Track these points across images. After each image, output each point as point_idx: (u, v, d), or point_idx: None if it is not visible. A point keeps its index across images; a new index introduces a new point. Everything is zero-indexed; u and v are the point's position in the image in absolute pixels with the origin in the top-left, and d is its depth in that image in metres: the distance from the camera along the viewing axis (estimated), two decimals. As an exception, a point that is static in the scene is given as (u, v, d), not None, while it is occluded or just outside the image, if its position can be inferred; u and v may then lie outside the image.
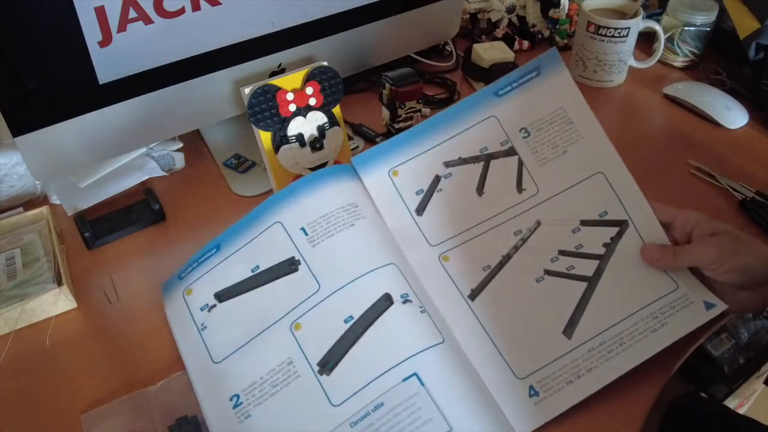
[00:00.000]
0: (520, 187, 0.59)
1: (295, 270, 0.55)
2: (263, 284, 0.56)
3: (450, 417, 0.49)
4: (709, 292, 0.56)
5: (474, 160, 0.60)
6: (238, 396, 0.52)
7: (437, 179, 0.59)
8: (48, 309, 0.61)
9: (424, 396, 0.49)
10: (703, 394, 1.00)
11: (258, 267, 0.56)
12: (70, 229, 0.70)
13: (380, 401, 0.50)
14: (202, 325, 0.56)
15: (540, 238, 0.57)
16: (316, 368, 0.51)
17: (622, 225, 0.58)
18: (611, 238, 0.57)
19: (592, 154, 0.59)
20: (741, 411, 1.11)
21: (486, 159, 0.60)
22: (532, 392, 0.52)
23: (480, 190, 0.59)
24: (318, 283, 0.54)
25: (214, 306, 0.56)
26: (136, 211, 0.71)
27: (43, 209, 0.70)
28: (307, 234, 0.56)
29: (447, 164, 0.60)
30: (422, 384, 0.50)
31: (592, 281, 0.55)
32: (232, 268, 0.57)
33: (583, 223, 0.58)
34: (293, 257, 0.55)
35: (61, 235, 0.69)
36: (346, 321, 0.52)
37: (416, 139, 0.60)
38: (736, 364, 0.99)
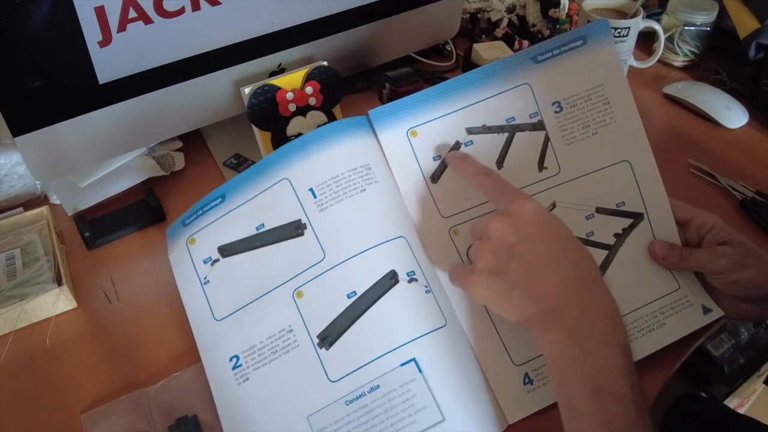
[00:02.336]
0: (541, 165, 0.56)
1: (301, 234, 0.53)
2: (267, 245, 0.54)
3: (444, 407, 0.49)
4: (709, 297, 0.56)
5: (499, 129, 0.56)
6: (237, 357, 0.53)
7: (457, 145, 0.55)
8: (48, 309, 0.61)
9: (420, 383, 0.50)
10: (703, 394, 1.00)
11: (263, 225, 0.55)
12: (70, 229, 0.70)
13: (377, 383, 0.50)
14: (205, 279, 0.56)
15: None
16: (316, 341, 0.51)
17: (636, 217, 0.56)
18: (623, 229, 0.56)
19: (623, 140, 0.57)
20: (741, 411, 1.11)
21: (511, 130, 0.56)
22: (527, 380, 0.52)
23: (500, 163, 0.56)
24: (323, 251, 0.53)
25: (217, 260, 0.56)
26: (136, 211, 0.71)
27: (43, 209, 0.70)
28: (315, 196, 0.53)
29: (469, 131, 0.56)
30: (420, 371, 0.50)
31: None
32: (236, 222, 0.55)
33: (599, 210, 0.56)
34: (299, 220, 0.53)
35: (61, 235, 0.69)
36: (349, 296, 0.51)
37: (441, 98, 0.56)
38: (736, 363, 1.00)
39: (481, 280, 0.48)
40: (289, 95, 0.67)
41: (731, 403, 1.02)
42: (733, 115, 0.84)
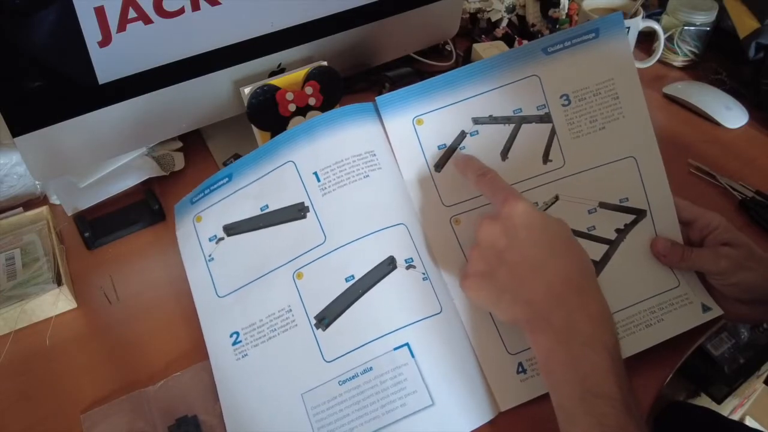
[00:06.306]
0: (546, 158, 0.56)
1: (303, 217, 0.54)
2: (271, 225, 0.55)
3: (434, 392, 0.50)
4: (708, 295, 0.56)
5: (505, 120, 0.56)
6: (237, 333, 0.54)
7: (462, 135, 0.56)
8: (48, 309, 0.61)
9: (412, 368, 0.51)
10: (692, 402, 1.00)
11: (267, 206, 0.56)
12: (70, 229, 0.70)
13: (369, 366, 0.51)
14: (210, 256, 0.57)
15: (554, 214, 0.54)
16: (313, 321, 0.52)
17: (639, 214, 0.56)
18: (625, 225, 0.56)
19: (630, 136, 0.56)
20: (741, 410, 1.11)
21: (518, 122, 0.56)
22: (521, 369, 0.52)
23: (505, 154, 0.56)
24: (324, 235, 0.54)
25: (222, 239, 0.57)
26: (136, 211, 0.71)
27: (43, 209, 0.70)
28: (319, 180, 0.54)
29: (476, 121, 0.56)
30: (412, 355, 0.51)
31: (597, 266, 0.55)
32: (241, 203, 0.57)
33: (602, 205, 0.56)
34: (303, 203, 0.55)
35: (61, 235, 0.69)
36: (347, 280, 0.52)
37: (449, 87, 0.56)
38: (736, 363, 0.99)
39: (473, 284, 0.49)
40: (289, 95, 0.67)
41: (731, 403, 1.02)
42: (733, 115, 0.84)
